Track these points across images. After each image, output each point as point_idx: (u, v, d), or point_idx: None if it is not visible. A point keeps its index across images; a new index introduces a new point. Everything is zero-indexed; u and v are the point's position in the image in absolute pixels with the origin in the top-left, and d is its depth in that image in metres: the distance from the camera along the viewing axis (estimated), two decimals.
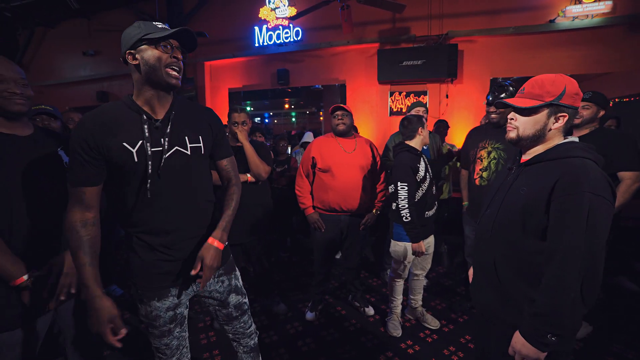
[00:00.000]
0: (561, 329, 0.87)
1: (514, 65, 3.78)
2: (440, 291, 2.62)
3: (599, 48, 3.51)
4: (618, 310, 2.31)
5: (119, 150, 0.94)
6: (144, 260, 1.04)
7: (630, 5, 3.33)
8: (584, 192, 0.83)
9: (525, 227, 0.95)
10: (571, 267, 0.85)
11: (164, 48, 0.95)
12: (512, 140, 1.02)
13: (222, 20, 4.74)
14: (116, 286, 2.61)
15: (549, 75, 0.96)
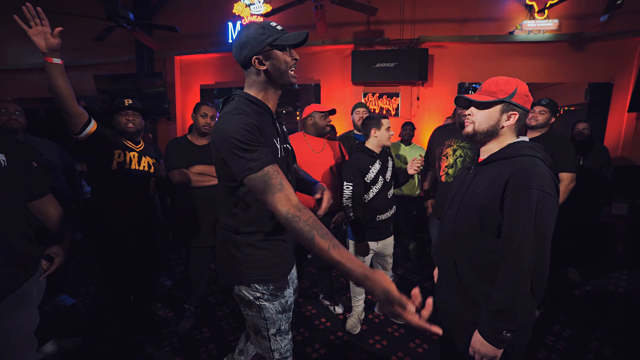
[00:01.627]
0: (514, 324, 0.89)
1: (479, 71, 3.98)
2: (409, 287, 2.67)
3: (550, 60, 3.84)
4: (561, 297, 2.57)
5: (270, 144, 0.97)
6: (274, 252, 1.07)
7: (573, 24, 3.69)
8: (533, 189, 0.87)
9: (483, 226, 0.98)
10: (522, 262, 0.87)
11: (288, 52, 0.99)
12: (468, 134, 1.06)
13: (194, 14, 4.58)
14: (67, 295, 2.43)
15: (504, 77, 1.02)
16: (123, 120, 1.78)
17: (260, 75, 1.00)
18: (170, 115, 4.70)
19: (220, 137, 0.91)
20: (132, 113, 1.82)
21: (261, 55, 0.96)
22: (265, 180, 0.87)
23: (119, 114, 1.79)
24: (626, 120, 3.80)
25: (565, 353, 1.94)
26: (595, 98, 4.06)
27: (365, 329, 2.15)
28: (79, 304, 2.41)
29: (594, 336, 2.09)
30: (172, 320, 2.22)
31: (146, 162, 1.87)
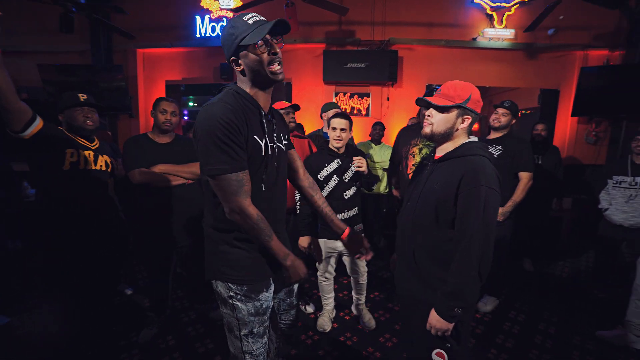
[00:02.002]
0: (464, 302, 1.04)
1: (446, 74, 4.16)
2: (379, 283, 2.77)
3: (508, 66, 4.14)
4: (517, 285, 2.80)
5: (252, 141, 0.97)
6: (251, 254, 1.06)
7: (526, 35, 3.99)
8: (482, 185, 0.99)
9: (438, 218, 1.08)
10: (472, 250, 1.00)
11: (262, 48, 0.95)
12: (426, 134, 1.15)
13: (158, 3, 4.34)
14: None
15: (461, 81, 1.12)
16: (80, 117, 1.66)
17: (243, 75, 1.00)
18: (133, 111, 4.43)
19: (197, 126, 0.92)
20: (89, 109, 1.70)
21: (234, 56, 0.97)
22: (224, 185, 0.92)
23: (73, 110, 1.66)
24: (570, 124, 4.18)
25: (519, 336, 2.11)
26: (545, 103, 4.45)
27: (337, 326, 2.18)
28: (14, 324, 2.12)
29: (542, 318, 2.31)
30: (132, 330, 2.09)
31: (103, 161, 1.75)
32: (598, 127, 4.08)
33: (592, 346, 2.03)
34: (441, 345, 1.12)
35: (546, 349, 2.00)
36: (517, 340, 2.07)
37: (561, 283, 2.89)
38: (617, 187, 2.39)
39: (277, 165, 1.07)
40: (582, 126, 4.16)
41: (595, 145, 4.13)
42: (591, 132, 4.09)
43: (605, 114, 3.89)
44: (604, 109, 3.77)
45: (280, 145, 1.10)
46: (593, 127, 4.09)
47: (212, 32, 4.24)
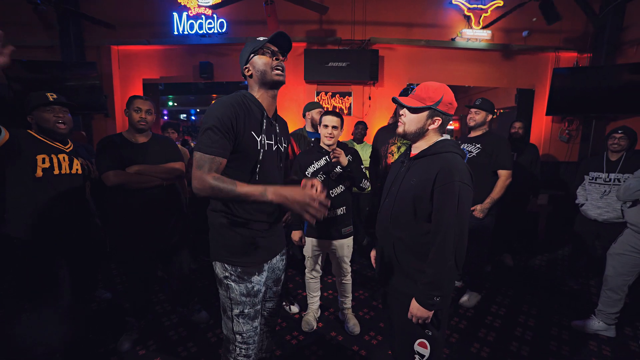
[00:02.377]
0: (442, 290, 1.09)
1: (426, 74, 4.23)
2: (363, 282, 2.77)
3: (486, 67, 4.25)
4: (499, 280, 2.86)
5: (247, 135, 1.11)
6: (247, 237, 1.17)
7: (502, 36, 4.16)
8: (455, 181, 1.05)
9: (416, 213, 1.13)
10: (448, 242, 1.06)
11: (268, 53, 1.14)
12: (399, 133, 1.21)
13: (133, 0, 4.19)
14: None
15: (434, 83, 1.16)
16: (52, 119, 1.57)
17: (251, 78, 1.17)
18: (108, 111, 4.25)
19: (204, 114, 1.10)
20: (60, 109, 1.60)
21: (247, 64, 1.16)
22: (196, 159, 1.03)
23: (43, 111, 1.56)
24: (545, 123, 4.35)
25: (500, 329, 2.16)
26: (522, 102, 4.62)
27: (322, 326, 2.16)
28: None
29: (521, 311, 2.37)
30: (110, 336, 2.00)
31: (78, 165, 1.67)
32: (570, 125, 4.26)
33: (567, 336, 2.10)
34: (423, 334, 1.17)
35: (526, 340, 2.05)
36: (499, 333, 2.12)
37: (539, 276, 2.98)
38: (593, 183, 2.48)
39: (276, 163, 1.23)
40: (556, 125, 4.34)
41: (569, 143, 4.32)
42: (564, 131, 4.28)
43: (576, 113, 4.07)
44: (575, 108, 3.94)
45: (280, 146, 1.25)
46: (566, 125, 4.27)
47: (190, 29, 4.13)
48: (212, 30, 4.13)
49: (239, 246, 1.16)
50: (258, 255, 1.20)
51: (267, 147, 1.17)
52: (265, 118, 1.16)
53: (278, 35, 1.13)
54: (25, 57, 4.03)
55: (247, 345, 1.22)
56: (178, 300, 2.17)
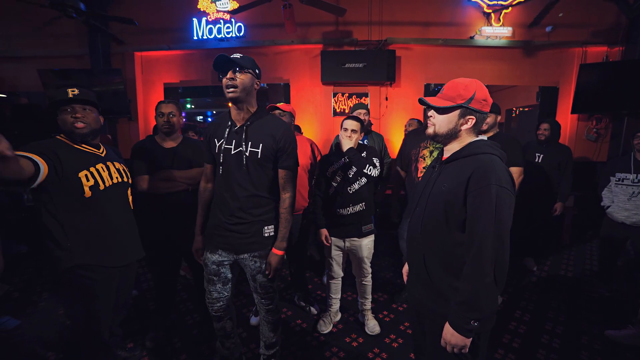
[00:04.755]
0: (480, 312, 0.94)
1: (444, 73, 4.16)
2: (382, 284, 2.75)
3: (506, 65, 4.12)
4: (520, 284, 2.78)
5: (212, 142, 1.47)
6: (211, 221, 1.51)
7: (524, 33, 4.00)
8: (492, 184, 0.93)
9: (448, 221, 1.02)
10: (485, 254, 0.92)
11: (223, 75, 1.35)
12: (430, 135, 1.11)
13: (155, 7, 4.32)
14: (9, 317, 2.17)
15: (464, 79, 1.05)
16: (69, 120, 1.35)
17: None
18: (132, 114, 4.41)
19: None
20: (81, 108, 1.38)
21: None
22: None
23: (62, 112, 1.37)
24: (570, 121, 4.17)
25: (525, 336, 2.08)
26: (544, 100, 4.44)
27: (342, 327, 2.16)
28: (23, 325, 2.14)
29: (547, 317, 2.28)
30: (138, 332, 2.08)
31: (115, 170, 1.52)
32: (599, 123, 4.07)
33: (600, 346, 1.99)
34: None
35: (553, 348, 1.97)
36: (524, 339, 2.05)
37: (565, 281, 2.86)
38: (620, 185, 2.38)
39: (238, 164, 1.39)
40: (583, 123, 4.16)
41: (597, 142, 4.13)
42: (592, 129, 4.09)
43: (605, 111, 3.88)
44: (605, 106, 3.76)
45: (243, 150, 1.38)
46: (594, 123, 4.08)
47: (209, 34, 4.23)
48: (230, 35, 4.20)
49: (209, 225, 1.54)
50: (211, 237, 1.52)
51: (217, 150, 1.42)
52: (228, 127, 1.41)
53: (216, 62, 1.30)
54: (59, 66, 4.27)
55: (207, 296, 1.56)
56: (200, 299, 2.22)
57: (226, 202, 1.41)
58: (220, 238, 1.45)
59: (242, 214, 1.41)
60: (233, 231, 1.42)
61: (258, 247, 1.45)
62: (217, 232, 1.46)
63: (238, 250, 1.45)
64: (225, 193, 1.42)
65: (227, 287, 1.54)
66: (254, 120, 1.40)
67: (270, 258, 1.44)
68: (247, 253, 1.45)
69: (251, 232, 1.43)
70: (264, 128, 1.39)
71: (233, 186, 1.40)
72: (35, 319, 2.24)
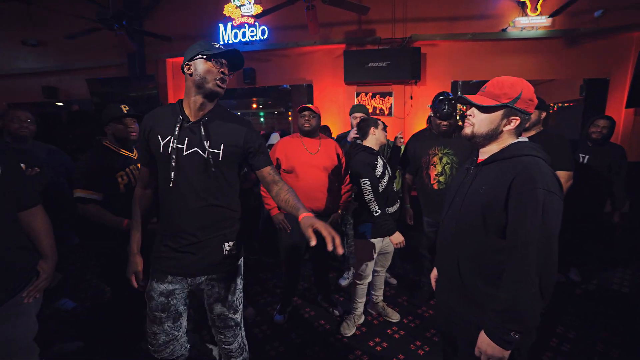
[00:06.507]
0: (522, 324, 0.88)
1: (472, 69, 3.99)
2: (408, 286, 2.69)
3: (544, 57, 3.85)
4: (563, 297, 2.52)
5: (153, 139, 1.15)
6: (157, 242, 1.23)
7: (566, 21, 3.71)
8: (538, 188, 0.86)
9: (486, 226, 0.97)
10: (529, 262, 0.86)
11: (215, 63, 1.10)
12: (467, 135, 1.05)
13: (184, 15, 4.53)
14: (67, 299, 2.38)
15: (510, 78, 0.99)
16: (124, 130, 1.74)
17: (188, 81, 1.14)
18: None
19: None
20: (131, 120, 1.78)
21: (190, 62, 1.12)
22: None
23: (117, 122, 1.73)
24: (624, 117, 3.78)
25: (570, 355, 1.89)
26: (590, 94, 4.01)
27: (365, 330, 2.14)
28: (78, 308, 2.37)
29: (599, 337, 2.03)
30: None
31: None
32: None
33: None
34: None
35: None
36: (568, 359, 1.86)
37: (617, 295, 2.53)
38: None
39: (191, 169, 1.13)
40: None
41: None
42: None
43: None
44: None
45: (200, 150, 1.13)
46: None
47: (234, 38, 4.35)
48: (255, 38, 4.30)
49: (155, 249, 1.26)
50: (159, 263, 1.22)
51: (169, 151, 1.11)
52: (178, 122, 1.12)
53: (233, 51, 1.11)
54: (102, 75, 4.68)
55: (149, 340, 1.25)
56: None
57: (176, 214, 1.15)
58: (169, 261, 1.17)
59: (197, 230, 1.16)
60: (186, 252, 1.16)
61: (216, 268, 1.21)
62: (164, 254, 1.18)
63: (194, 273, 1.19)
64: (175, 204, 1.14)
65: (178, 323, 1.23)
66: (213, 116, 1.15)
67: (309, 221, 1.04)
68: (203, 276, 1.22)
69: (208, 251, 1.18)
70: (225, 125, 1.17)
71: (186, 195, 1.13)
72: (87, 302, 2.50)
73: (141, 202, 1.27)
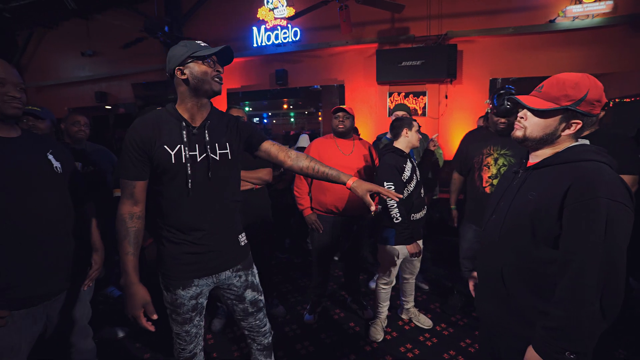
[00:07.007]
0: (580, 345, 0.80)
1: (513, 66, 3.76)
2: (440, 293, 2.60)
3: (600, 48, 3.50)
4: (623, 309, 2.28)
5: (159, 151, 1.06)
6: (172, 252, 1.15)
7: (631, 4, 3.32)
8: (601, 197, 0.78)
9: (535, 234, 0.89)
10: (589, 278, 0.78)
11: (209, 63, 1.07)
12: (517, 138, 0.97)
13: (220, 20, 4.72)
14: (114, 287, 2.59)
15: (573, 75, 0.87)
16: None
17: (183, 86, 1.09)
18: None
19: None
20: None
21: (182, 66, 1.07)
22: (121, 186, 1.09)
23: None
24: None
25: None
26: None
27: (396, 335, 2.10)
28: (124, 296, 2.55)
29: None
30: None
31: None
32: None
33: None
34: None
35: None
36: None
37: None
38: None
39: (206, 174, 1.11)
40: None
41: None
42: None
43: None
44: None
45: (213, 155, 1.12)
46: None
47: (267, 41, 4.45)
48: (287, 40, 4.37)
49: (166, 259, 1.16)
50: (183, 271, 1.16)
51: (183, 160, 1.07)
52: (183, 128, 1.08)
53: (226, 49, 1.10)
54: (145, 80, 5.06)
55: (180, 342, 1.25)
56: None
57: (195, 220, 1.13)
58: (193, 266, 1.17)
59: (218, 229, 1.18)
60: (209, 251, 1.18)
61: (238, 258, 1.26)
62: (185, 262, 1.16)
63: (221, 269, 1.22)
64: (193, 210, 1.12)
65: (202, 316, 1.29)
66: (211, 117, 1.16)
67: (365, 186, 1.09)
68: (228, 270, 1.24)
69: (228, 245, 1.23)
70: (221, 123, 1.18)
71: (204, 199, 1.13)
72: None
73: (133, 223, 1.07)
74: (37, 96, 6.06)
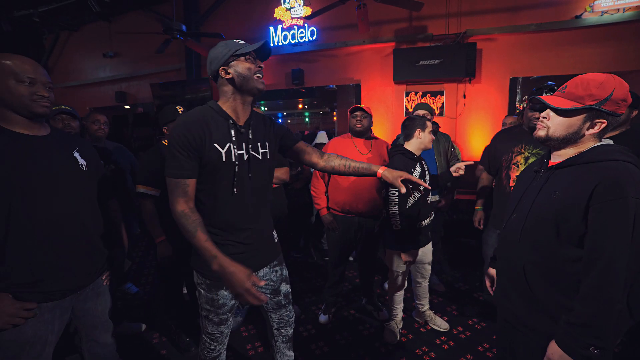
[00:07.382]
0: (605, 341, 0.81)
1: (535, 65, 3.63)
2: (456, 296, 2.55)
3: (631, 44, 3.30)
4: None
5: (210, 149, 1.06)
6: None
7: None
8: (629, 197, 0.78)
9: (559, 233, 0.90)
10: (613, 280, 0.80)
11: (250, 59, 1.09)
12: (540, 138, 0.98)
13: (238, 20, 4.77)
14: (132, 284, 2.67)
15: (597, 75, 0.87)
16: None
17: (228, 85, 1.10)
18: None
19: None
20: None
21: (226, 65, 1.08)
22: (172, 185, 1.07)
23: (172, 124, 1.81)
24: None
25: None
26: None
27: (412, 338, 2.08)
28: (141, 292, 2.65)
29: None
30: None
31: None
32: None
33: None
34: None
35: None
36: None
37: None
38: None
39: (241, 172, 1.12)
40: None
41: None
42: None
43: None
44: None
45: (256, 154, 1.16)
46: None
47: (284, 40, 4.47)
48: (304, 39, 4.38)
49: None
50: None
51: (233, 159, 1.09)
52: (232, 127, 1.10)
53: (265, 45, 1.11)
54: (163, 79, 5.17)
55: (212, 342, 1.27)
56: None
57: (239, 219, 1.15)
58: None
59: (259, 227, 1.22)
60: (252, 250, 1.20)
61: (275, 254, 1.31)
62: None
63: (258, 266, 1.24)
64: (237, 209, 1.14)
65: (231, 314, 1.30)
66: (253, 116, 1.19)
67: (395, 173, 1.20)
68: (266, 266, 1.27)
69: (267, 242, 1.28)
70: (259, 123, 1.22)
71: (249, 198, 1.15)
72: (148, 287, 2.79)
73: (194, 214, 1.06)
74: (62, 98, 6.29)
